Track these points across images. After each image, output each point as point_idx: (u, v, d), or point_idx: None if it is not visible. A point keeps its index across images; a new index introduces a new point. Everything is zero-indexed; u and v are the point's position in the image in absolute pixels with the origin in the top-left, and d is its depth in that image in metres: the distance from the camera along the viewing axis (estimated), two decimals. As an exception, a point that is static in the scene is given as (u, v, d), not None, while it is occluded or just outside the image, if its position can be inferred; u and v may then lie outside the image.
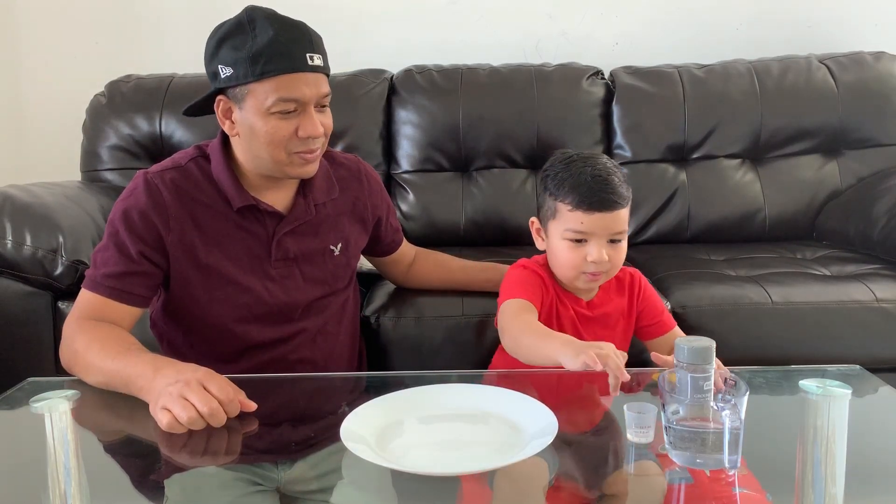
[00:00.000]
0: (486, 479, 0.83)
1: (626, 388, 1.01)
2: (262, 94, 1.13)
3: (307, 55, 1.14)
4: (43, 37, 2.40)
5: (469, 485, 0.83)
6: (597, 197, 1.15)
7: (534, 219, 1.28)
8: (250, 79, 1.13)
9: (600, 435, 1.00)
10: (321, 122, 1.18)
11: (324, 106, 1.20)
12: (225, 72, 1.15)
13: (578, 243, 1.18)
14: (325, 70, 1.18)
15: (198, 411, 0.92)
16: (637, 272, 1.31)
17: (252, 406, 0.97)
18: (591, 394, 1.12)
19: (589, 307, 1.26)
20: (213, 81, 1.18)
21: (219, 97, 1.19)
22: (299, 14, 1.19)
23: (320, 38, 1.19)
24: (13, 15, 2.39)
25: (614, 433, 0.97)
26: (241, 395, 0.97)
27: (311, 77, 1.15)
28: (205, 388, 0.95)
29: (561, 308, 1.25)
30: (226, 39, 1.15)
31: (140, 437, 1.01)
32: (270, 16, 1.15)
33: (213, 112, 1.21)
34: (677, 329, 1.30)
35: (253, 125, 1.16)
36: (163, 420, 0.93)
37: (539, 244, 1.27)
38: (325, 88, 1.18)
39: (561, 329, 1.23)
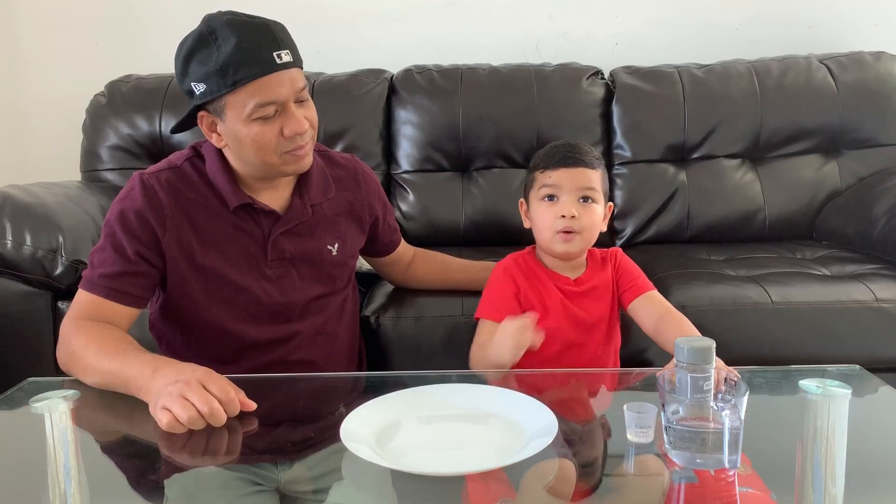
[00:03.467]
0: (492, 478, 0.82)
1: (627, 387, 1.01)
2: (239, 103, 1.12)
3: (274, 54, 1.11)
4: (43, 37, 2.40)
5: (475, 485, 0.82)
6: (562, 155, 1.28)
7: (521, 200, 1.37)
8: (224, 91, 1.11)
9: (600, 434, 1.00)
10: (304, 117, 1.17)
11: (303, 100, 1.18)
12: (199, 88, 1.13)
13: (551, 202, 1.27)
14: (296, 63, 1.15)
15: (198, 411, 0.92)
16: (618, 249, 1.38)
17: (252, 405, 0.97)
18: (591, 393, 1.12)
19: (577, 283, 1.32)
20: (190, 99, 1.16)
21: (200, 113, 1.18)
22: (300, 15, 1.19)
23: (285, 30, 1.16)
24: (13, 15, 2.39)
25: (614, 433, 0.96)
26: (241, 395, 0.97)
27: (285, 75, 1.13)
28: (205, 388, 0.95)
29: (545, 293, 1.29)
30: (192, 55, 1.12)
31: (140, 437, 1.01)
32: (230, 21, 1.12)
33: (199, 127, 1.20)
34: (655, 293, 1.31)
35: (238, 134, 1.15)
36: (163, 420, 0.93)
37: (525, 223, 1.36)
38: (301, 82, 1.16)
39: (549, 310, 1.28)
